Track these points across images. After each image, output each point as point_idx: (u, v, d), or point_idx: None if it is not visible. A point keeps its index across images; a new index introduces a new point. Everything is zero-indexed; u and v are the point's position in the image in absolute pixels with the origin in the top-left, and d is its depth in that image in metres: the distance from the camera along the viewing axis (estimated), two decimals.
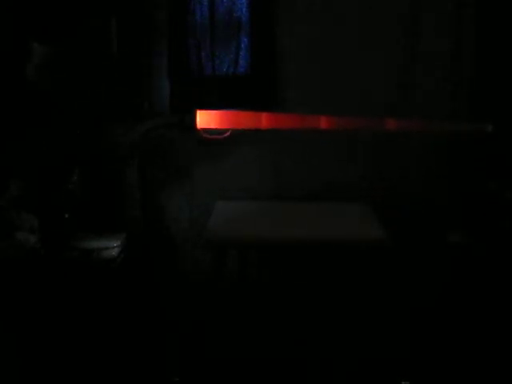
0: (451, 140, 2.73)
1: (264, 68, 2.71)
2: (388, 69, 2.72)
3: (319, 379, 2.24)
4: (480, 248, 2.43)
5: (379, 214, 2.43)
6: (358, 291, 2.55)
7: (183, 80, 2.73)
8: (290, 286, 2.82)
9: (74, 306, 2.25)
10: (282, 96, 2.74)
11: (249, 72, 2.75)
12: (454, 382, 2.16)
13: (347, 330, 2.47)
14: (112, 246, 2.43)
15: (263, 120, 2.15)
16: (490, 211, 2.48)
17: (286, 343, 2.45)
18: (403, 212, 2.74)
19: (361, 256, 2.36)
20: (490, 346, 2.23)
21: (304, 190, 2.80)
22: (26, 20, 2.42)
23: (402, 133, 2.71)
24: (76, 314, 2.25)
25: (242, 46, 2.74)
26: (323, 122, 2.24)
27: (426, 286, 2.70)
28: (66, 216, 2.41)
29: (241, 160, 2.82)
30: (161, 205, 2.89)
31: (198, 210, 2.86)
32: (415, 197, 2.78)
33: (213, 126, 2.21)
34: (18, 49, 2.38)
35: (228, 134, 2.38)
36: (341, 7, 2.69)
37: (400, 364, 2.27)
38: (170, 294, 2.78)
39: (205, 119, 2.18)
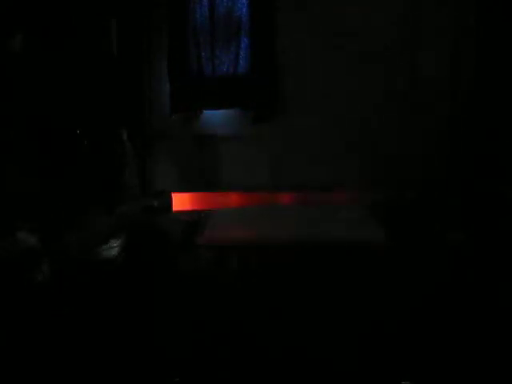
0: (452, 140, 2.73)
1: (264, 68, 2.70)
2: (388, 70, 2.73)
3: (319, 379, 2.24)
4: (480, 248, 2.43)
5: (379, 214, 2.43)
6: (357, 291, 2.54)
7: (183, 80, 2.73)
8: (289, 286, 2.82)
9: (73, 305, 2.25)
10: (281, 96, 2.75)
11: (249, 72, 2.75)
12: (454, 381, 2.16)
13: (347, 330, 2.47)
14: (112, 246, 2.43)
15: (232, 199, 2.26)
16: (490, 211, 2.48)
17: (285, 343, 2.44)
18: (403, 212, 2.74)
19: (360, 256, 2.36)
20: (490, 345, 2.23)
21: (304, 190, 2.81)
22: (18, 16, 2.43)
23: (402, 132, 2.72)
24: (76, 313, 2.25)
25: (242, 45, 2.74)
26: (286, 199, 2.35)
27: (426, 286, 2.70)
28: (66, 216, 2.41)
29: (241, 160, 2.82)
30: (161, 205, 2.89)
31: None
32: (415, 197, 2.78)
33: (187, 207, 2.28)
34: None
35: (202, 215, 2.47)
36: (341, 8, 2.70)
37: (400, 364, 2.26)
38: (170, 294, 2.78)
39: (179, 201, 2.26)
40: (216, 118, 2.79)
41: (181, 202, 2.25)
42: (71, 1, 2.56)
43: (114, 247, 2.44)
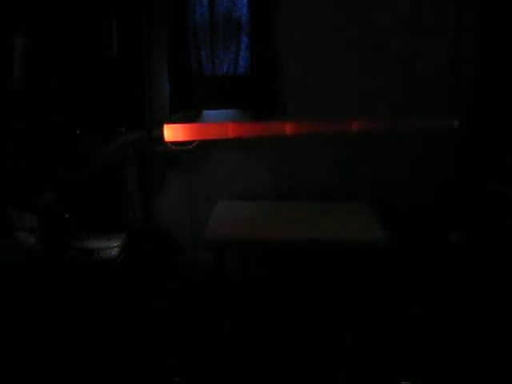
0: (452, 140, 2.73)
1: (264, 68, 2.70)
2: (388, 70, 2.73)
3: (320, 379, 2.24)
4: (480, 248, 2.43)
5: (379, 214, 2.43)
6: (357, 291, 2.55)
7: (183, 80, 2.72)
8: (289, 285, 2.82)
9: (73, 305, 2.25)
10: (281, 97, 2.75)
11: (249, 72, 2.75)
12: (454, 381, 2.16)
13: (347, 330, 2.47)
14: (112, 246, 2.43)
15: (229, 130, 2.17)
16: (490, 211, 2.48)
17: (285, 343, 2.45)
18: (403, 212, 2.74)
19: (361, 256, 2.36)
20: (490, 345, 2.23)
21: (304, 191, 2.81)
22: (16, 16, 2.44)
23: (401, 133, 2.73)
24: (76, 313, 2.25)
25: (242, 46, 2.73)
26: (289, 128, 2.25)
27: (427, 287, 2.70)
28: (66, 216, 2.42)
29: (241, 160, 2.82)
30: (161, 205, 2.89)
31: (198, 210, 2.86)
32: (415, 197, 2.78)
33: (180, 138, 2.24)
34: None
35: (195, 144, 2.44)
36: (341, 8, 2.69)
37: (400, 364, 2.27)
38: (170, 294, 2.78)
39: (172, 132, 2.21)
40: (216, 118, 2.79)
41: (175, 133, 2.20)
42: (71, 1, 2.57)
43: (113, 247, 2.44)
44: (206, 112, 2.80)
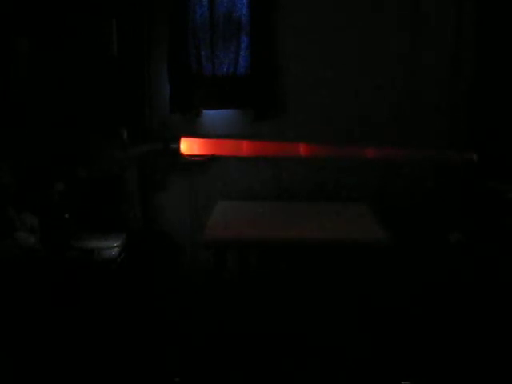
0: (452, 139, 2.73)
1: (264, 68, 2.70)
2: (388, 70, 2.73)
3: (319, 379, 2.24)
4: (480, 248, 2.43)
5: (379, 214, 2.43)
6: (358, 291, 2.55)
7: (183, 80, 2.73)
8: (289, 285, 2.82)
9: (73, 305, 2.26)
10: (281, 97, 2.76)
11: (249, 72, 2.75)
12: (454, 381, 2.16)
13: (348, 330, 2.47)
14: (112, 246, 2.43)
15: (244, 148, 2.22)
16: (490, 211, 2.48)
17: (285, 342, 2.44)
18: (403, 212, 2.74)
19: (361, 256, 2.36)
20: (489, 345, 2.23)
21: (304, 191, 2.81)
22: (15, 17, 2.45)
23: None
24: (76, 313, 2.25)
25: (242, 46, 2.73)
26: (303, 150, 2.29)
27: (427, 287, 2.70)
28: (66, 216, 2.42)
29: (241, 160, 2.82)
30: (161, 205, 2.89)
31: (198, 210, 2.86)
32: (415, 197, 2.78)
33: (195, 152, 2.30)
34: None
35: (210, 156, 2.51)
36: (341, 8, 2.70)
37: (400, 364, 2.26)
38: (170, 294, 2.78)
39: (188, 146, 2.26)
40: (216, 117, 2.79)
41: (190, 147, 2.26)
42: (71, 1, 2.57)
43: (113, 247, 2.44)
44: (205, 112, 2.80)
